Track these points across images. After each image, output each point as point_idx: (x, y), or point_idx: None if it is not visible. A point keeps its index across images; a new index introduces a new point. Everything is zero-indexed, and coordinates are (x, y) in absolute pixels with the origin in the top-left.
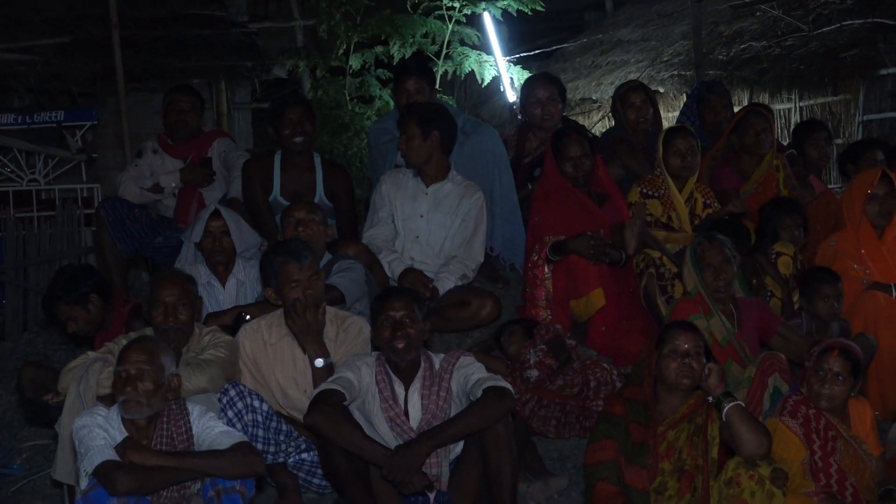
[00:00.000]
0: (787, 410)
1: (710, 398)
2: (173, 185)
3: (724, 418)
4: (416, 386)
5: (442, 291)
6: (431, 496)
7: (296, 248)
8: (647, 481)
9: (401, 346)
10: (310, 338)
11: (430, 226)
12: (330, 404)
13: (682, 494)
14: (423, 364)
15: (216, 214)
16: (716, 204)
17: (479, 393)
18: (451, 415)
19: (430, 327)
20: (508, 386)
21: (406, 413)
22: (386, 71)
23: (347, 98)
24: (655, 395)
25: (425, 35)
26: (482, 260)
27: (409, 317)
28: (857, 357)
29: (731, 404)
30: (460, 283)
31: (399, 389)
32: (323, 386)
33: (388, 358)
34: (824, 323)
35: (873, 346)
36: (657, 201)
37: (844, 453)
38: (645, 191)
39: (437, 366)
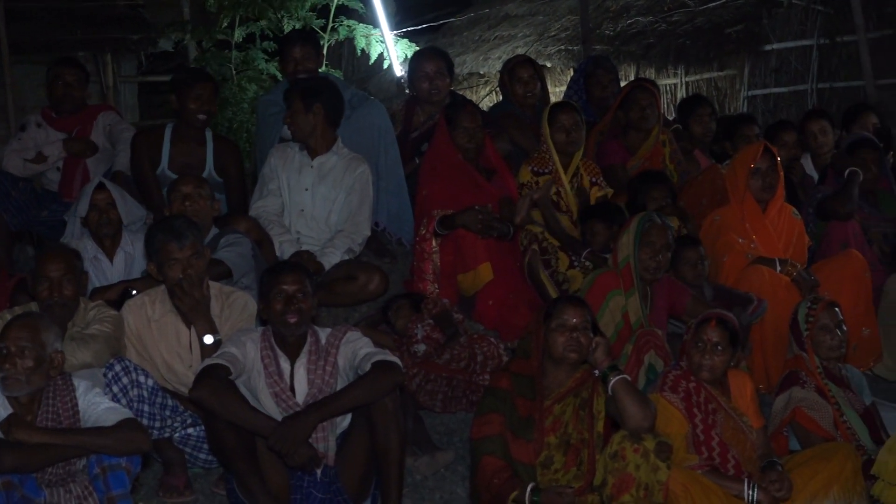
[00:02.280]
0: (668, 385)
1: (597, 372)
2: (56, 153)
3: (609, 392)
4: (301, 361)
5: (328, 266)
6: (318, 471)
7: (177, 227)
8: (532, 455)
9: (293, 320)
10: (198, 315)
11: (315, 199)
12: (215, 378)
13: (568, 468)
14: (309, 339)
15: (101, 187)
16: (601, 180)
17: (368, 367)
18: (338, 389)
19: (317, 302)
20: (397, 360)
21: (292, 388)
22: (272, 44)
23: (234, 72)
24: (542, 369)
25: (312, 9)
26: (368, 234)
27: (302, 291)
28: (734, 327)
29: (617, 378)
30: (346, 258)
31: (285, 364)
32: (207, 361)
33: (274, 332)
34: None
35: (764, 309)
36: (549, 177)
37: (725, 426)
38: (535, 169)
39: (323, 340)
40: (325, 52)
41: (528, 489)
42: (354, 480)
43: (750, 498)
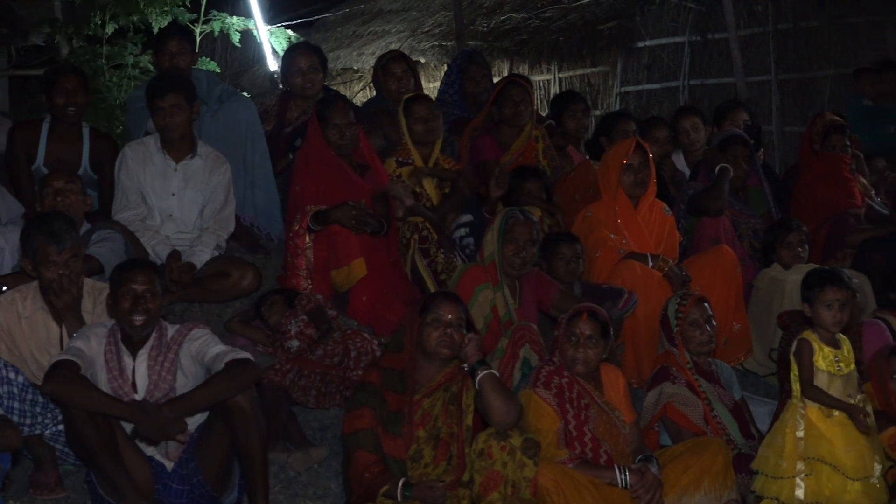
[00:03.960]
0: (540, 381)
1: (466, 366)
2: None
3: (476, 386)
4: (143, 356)
5: (199, 265)
6: (171, 463)
7: (57, 230)
8: (402, 449)
9: (139, 321)
10: (69, 313)
11: (183, 203)
12: (65, 370)
13: (438, 462)
14: (154, 334)
15: None
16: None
17: (221, 366)
18: (177, 385)
19: (189, 297)
20: (250, 357)
21: (135, 384)
22: (142, 36)
23: (105, 68)
24: (414, 363)
25: (182, 3)
26: (233, 229)
27: (151, 291)
28: (605, 319)
29: (484, 372)
30: (216, 254)
31: (128, 360)
32: (55, 357)
33: (121, 328)
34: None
35: (635, 302)
36: (411, 167)
37: (598, 421)
38: (400, 159)
39: (168, 335)
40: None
41: (400, 484)
42: (214, 473)
43: (623, 482)
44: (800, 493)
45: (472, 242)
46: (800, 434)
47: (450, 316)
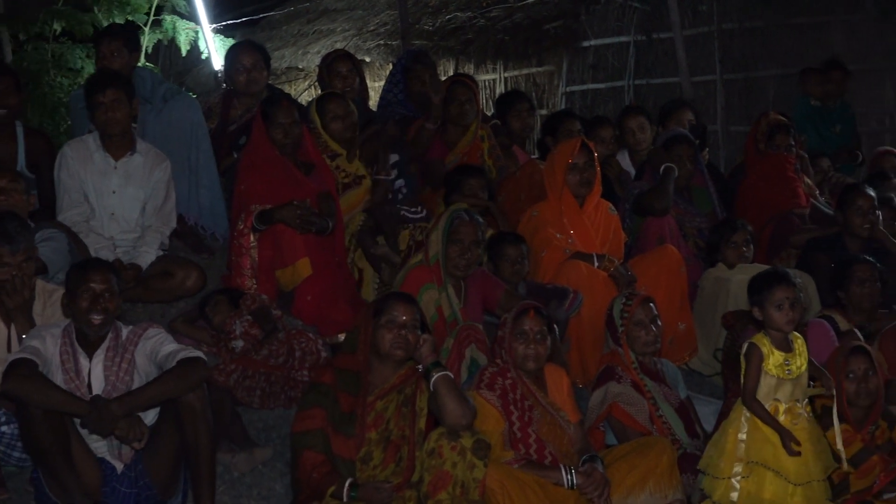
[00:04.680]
0: (484, 383)
1: (420, 368)
2: None
3: (431, 388)
4: (99, 357)
5: (145, 266)
6: (122, 464)
7: (11, 231)
8: (353, 451)
9: (97, 320)
10: (19, 314)
11: (124, 201)
12: (23, 368)
13: (387, 464)
14: (109, 335)
15: None
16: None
17: (173, 364)
18: (133, 386)
19: (133, 297)
20: (202, 356)
21: (90, 385)
22: (91, 47)
23: (49, 66)
24: (368, 364)
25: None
26: (175, 225)
27: (109, 290)
28: (549, 316)
29: (439, 374)
30: (160, 253)
31: (84, 361)
32: (12, 356)
33: (76, 328)
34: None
35: (580, 302)
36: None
37: (542, 422)
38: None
39: (123, 336)
40: (150, 48)
41: (347, 484)
42: (162, 476)
43: (569, 483)
44: (734, 495)
45: (402, 184)
46: (742, 436)
47: (404, 317)
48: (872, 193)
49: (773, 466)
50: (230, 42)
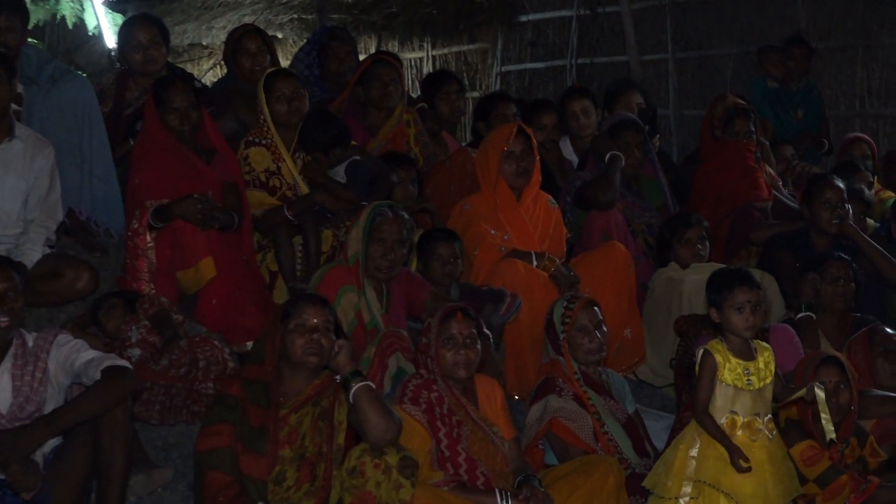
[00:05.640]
0: (407, 396)
1: (338, 378)
2: None
3: (351, 400)
4: (6, 366)
5: (30, 265)
6: (28, 495)
7: None
8: (265, 470)
9: (4, 322)
10: None
11: (4, 193)
12: None
13: (301, 484)
14: (15, 342)
15: None
16: None
17: (97, 374)
18: (47, 397)
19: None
20: (127, 364)
21: None
22: None
23: None
24: (279, 374)
25: None
26: (61, 218)
27: (13, 290)
28: (478, 317)
29: (359, 385)
30: (47, 251)
31: None
32: None
33: None
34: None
35: (518, 306)
36: (264, 149)
37: (473, 438)
38: (251, 139)
39: (31, 343)
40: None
41: None
42: (68, 500)
43: None
44: None
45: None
46: (693, 453)
47: (315, 320)
48: (841, 185)
49: (725, 488)
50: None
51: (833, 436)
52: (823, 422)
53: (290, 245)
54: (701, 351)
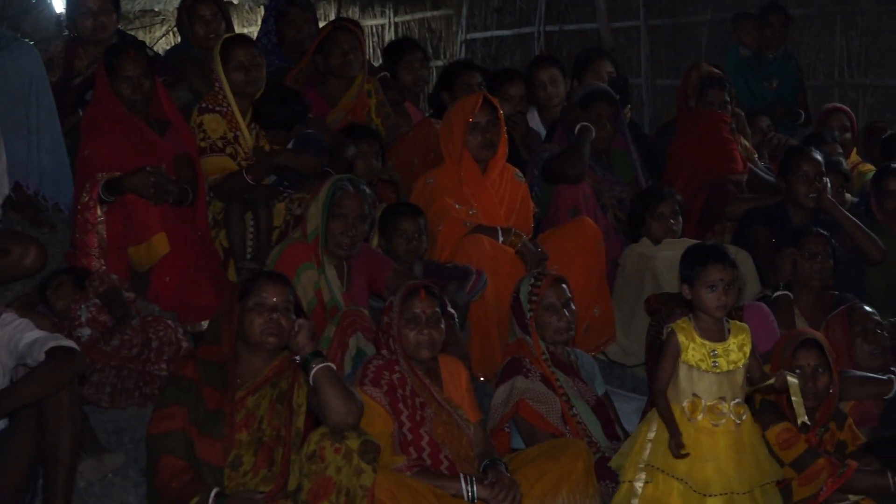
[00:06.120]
0: (368, 378)
1: (297, 359)
2: None
3: (311, 382)
4: None
5: None
6: None
7: None
8: (221, 455)
9: None
10: None
11: None
12: None
13: (258, 470)
14: None
15: None
16: None
17: (41, 356)
18: None
19: None
20: (73, 345)
21: None
22: None
23: None
24: (236, 354)
25: None
26: (7, 192)
27: None
28: (442, 295)
29: (319, 366)
30: None
31: None
32: None
33: None
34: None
35: (484, 284)
36: (219, 116)
37: (436, 422)
38: (205, 106)
39: None
40: None
41: (212, 494)
42: (11, 490)
43: (469, 495)
44: (635, 501)
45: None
46: (650, 435)
47: (274, 299)
48: (820, 157)
49: (680, 474)
50: None
51: (805, 419)
52: (796, 406)
53: (241, 221)
54: (667, 329)
